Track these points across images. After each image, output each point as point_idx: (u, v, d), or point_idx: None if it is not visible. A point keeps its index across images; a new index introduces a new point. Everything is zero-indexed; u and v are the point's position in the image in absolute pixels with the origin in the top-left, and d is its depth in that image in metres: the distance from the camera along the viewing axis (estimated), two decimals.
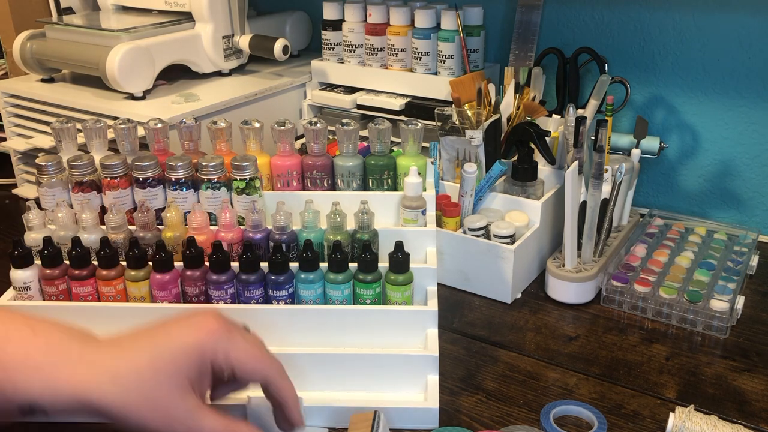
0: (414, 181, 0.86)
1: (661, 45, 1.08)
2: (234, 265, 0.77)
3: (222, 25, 1.21)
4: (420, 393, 0.72)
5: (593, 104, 1.01)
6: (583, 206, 0.91)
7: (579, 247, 0.92)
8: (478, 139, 0.96)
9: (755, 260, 0.97)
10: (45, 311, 0.76)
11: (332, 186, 0.92)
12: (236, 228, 0.82)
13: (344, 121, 0.90)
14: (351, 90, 1.22)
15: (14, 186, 1.27)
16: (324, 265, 0.76)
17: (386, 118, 0.93)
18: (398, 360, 0.71)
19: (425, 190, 0.89)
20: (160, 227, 0.83)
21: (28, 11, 1.33)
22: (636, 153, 1.03)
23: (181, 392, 0.53)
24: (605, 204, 0.92)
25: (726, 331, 0.84)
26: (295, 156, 0.92)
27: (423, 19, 1.12)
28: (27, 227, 0.83)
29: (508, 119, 1.03)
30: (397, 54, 1.16)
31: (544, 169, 0.99)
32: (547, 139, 0.95)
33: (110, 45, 1.08)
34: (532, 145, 0.95)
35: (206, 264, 0.77)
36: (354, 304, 0.76)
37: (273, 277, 0.75)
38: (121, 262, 0.77)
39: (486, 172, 0.96)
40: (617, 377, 0.78)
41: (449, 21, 1.10)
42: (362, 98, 1.19)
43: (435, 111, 1.01)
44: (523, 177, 0.96)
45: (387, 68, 1.18)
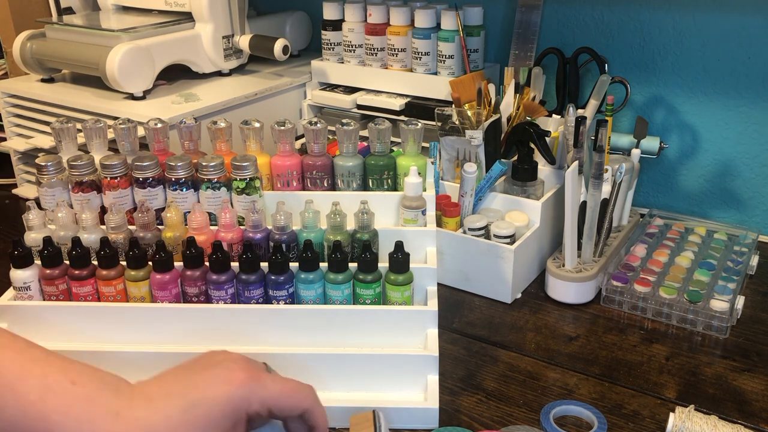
0: (414, 181, 0.86)
1: (661, 45, 1.08)
2: (234, 265, 0.77)
3: (222, 25, 1.21)
4: (420, 393, 0.72)
5: (593, 104, 1.01)
6: (583, 206, 0.91)
7: (579, 247, 0.92)
8: (478, 139, 0.96)
9: (755, 260, 0.97)
10: (45, 311, 0.76)
11: (332, 186, 0.92)
12: (236, 228, 0.82)
13: (344, 121, 0.90)
14: (351, 90, 1.22)
15: (14, 186, 1.27)
16: (324, 265, 0.76)
17: (386, 118, 0.93)
18: (398, 360, 0.71)
19: (425, 190, 0.89)
20: (160, 227, 0.83)
21: (28, 11, 1.33)
22: (636, 153, 1.03)
23: None
24: (605, 204, 0.92)
25: (726, 331, 0.84)
26: (295, 156, 0.92)
27: (423, 19, 1.12)
28: (27, 227, 0.83)
29: (508, 119, 1.03)
30: (397, 54, 1.16)
31: (544, 169, 0.99)
32: (547, 139, 0.95)
33: (110, 45, 1.08)
34: (532, 145, 0.95)
35: (206, 264, 0.77)
36: (354, 304, 0.76)
37: (273, 277, 0.75)
38: (121, 262, 0.77)
39: (486, 172, 0.96)
40: (617, 377, 0.78)
41: (449, 21, 1.10)
42: (362, 98, 1.19)
43: (435, 111, 1.00)
44: (523, 177, 0.96)
45: (387, 68, 1.18)
